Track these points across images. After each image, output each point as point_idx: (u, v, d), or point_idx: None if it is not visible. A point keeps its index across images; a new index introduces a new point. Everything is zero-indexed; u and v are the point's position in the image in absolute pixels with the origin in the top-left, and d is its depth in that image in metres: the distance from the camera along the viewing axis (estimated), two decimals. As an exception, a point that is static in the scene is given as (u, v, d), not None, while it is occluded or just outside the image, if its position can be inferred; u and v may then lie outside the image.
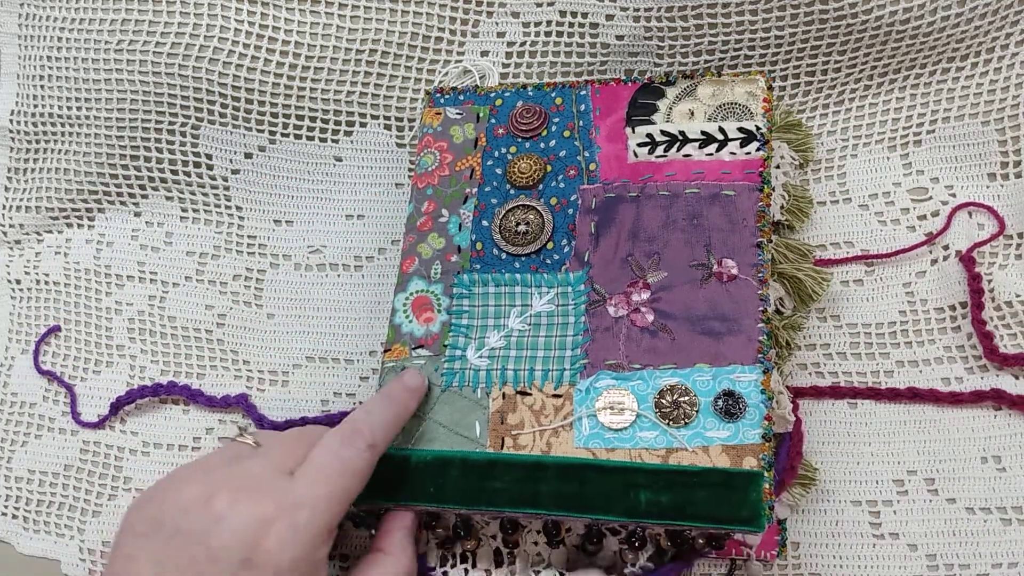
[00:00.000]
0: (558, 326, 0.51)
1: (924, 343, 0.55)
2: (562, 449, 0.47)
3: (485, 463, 0.47)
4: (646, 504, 0.44)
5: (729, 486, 0.44)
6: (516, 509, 0.45)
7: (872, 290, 0.57)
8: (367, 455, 0.44)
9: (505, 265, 0.53)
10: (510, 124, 0.57)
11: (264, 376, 0.61)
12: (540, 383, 0.49)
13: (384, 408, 0.47)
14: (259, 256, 0.64)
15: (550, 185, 0.55)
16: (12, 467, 0.61)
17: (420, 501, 0.47)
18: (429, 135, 0.59)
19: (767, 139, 0.53)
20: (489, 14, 0.62)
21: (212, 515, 0.40)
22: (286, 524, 0.41)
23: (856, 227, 0.59)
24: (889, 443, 0.53)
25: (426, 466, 0.47)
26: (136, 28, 0.62)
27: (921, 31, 0.57)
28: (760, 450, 0.44)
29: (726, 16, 0.58)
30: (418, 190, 0.57)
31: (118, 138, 0.64)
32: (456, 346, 0.51)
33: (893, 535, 0.51)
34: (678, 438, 0.46)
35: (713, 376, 0.47)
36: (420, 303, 0.53)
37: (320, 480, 0.43)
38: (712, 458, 0.45)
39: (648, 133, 0.55)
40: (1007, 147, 0.58)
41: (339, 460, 0.44)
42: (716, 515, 0.43)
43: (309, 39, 0.61)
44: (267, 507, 0.41)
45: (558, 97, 0.58)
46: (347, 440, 0.44)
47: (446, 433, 0.48)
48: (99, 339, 0.63)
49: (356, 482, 0.44)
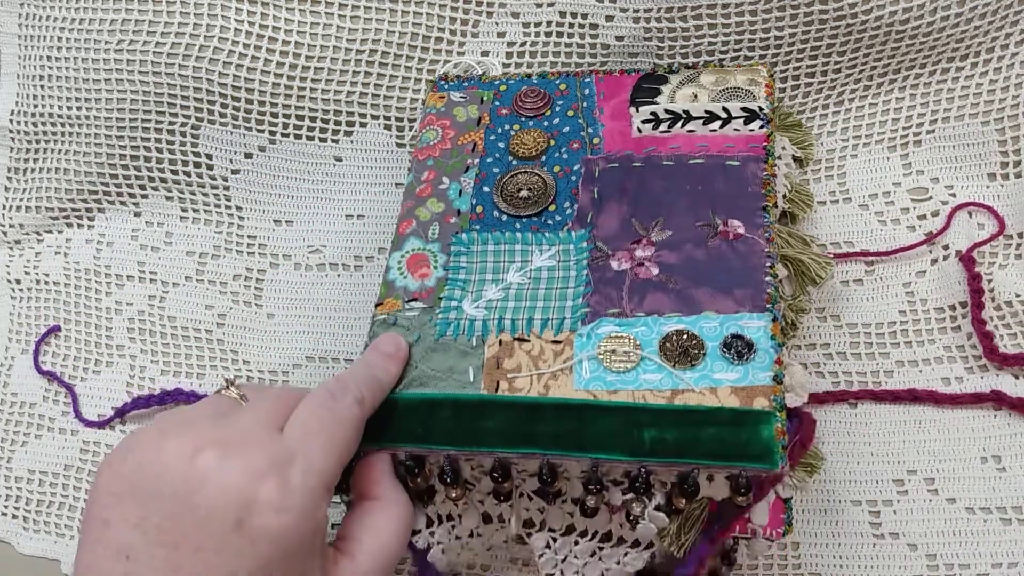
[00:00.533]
0: (559, 279, 0.49)
1: (924, 343, 0.55)
2: (561, 392, 0.44)
3: (477, 402, 0.44)
4: (651, 443, 0.41)
5: (739, 423, 0.41)
6: (510, 449, 0.42)
7: (872, 290, 0.57)
8: (356, 409, 0.42)
9: (505, 226, 0.51)
10: (514, 105, 0.56)
11: (264, 376, 0.61)
12: (539, 330, 0.47)
13: (363, 370, 0.44)
14: (259, 256, 0.64)
15: (553, 156, 0.54)
16: (12, 467, 0.61)
17: (406, 443, 0.43)
18: (432, 114, 0.58)
19: (770, 119, 0.52)
20: (489, 14, 0.62)
21: (198, 473, 0.36)
22: (279, 480, 0.37)
23: (856, 227, 0.59)
24: (889, 443, 0.53)
25: (414, 407, 0.44)
26: (136, 28, 0.62)
27: (921, 31, 0.57)
28: (771, 391, 0.42)
29: (726, 16, 0.58)
30: (418, 162, 0.56)
31: (118, 138, 0.64)
32: (452, 298, 0.49)
33: (893, 535, 0.51)
34: (684, 380, 0.43)
35: (720, 323, 0.45)
36: (416, 260, 0.51)
37: (311, 432, 0.39)
38: (721, 399, 0.42)
39: (652, 111, 0.54)
40: (1007, 147, 0.58)
41: (329, 411, 0.41)
42: (726, 453, 0.40)
43: (309, 39, 0.61)
44: (258, 462, 0.37)
45: (562, 84, 0.57)
46: (335, 393, 0.42)
47: (438, 378, 0.46)
48: (99, 339, 0.63)
49: (348, 434, 0.41)
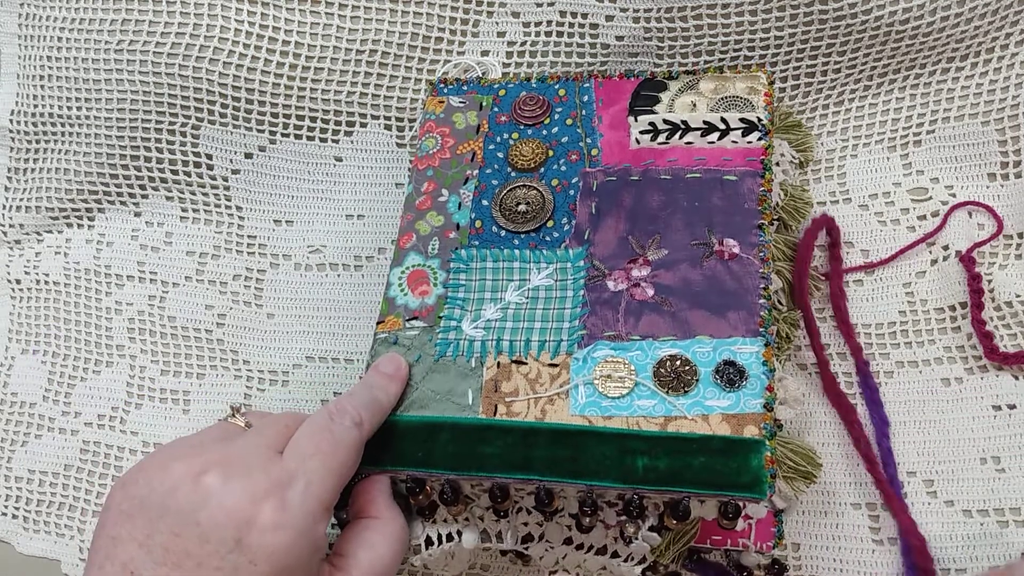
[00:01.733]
0: (556, 299, 0.49)
1: (924, 343, 0.55)
2: (557, 416, 0.45)
3: (477, 427, 0.45)
4: (643, 470, 0.42)
5: (729, 452, 0.42)
6: (508, 474, 0.44)
7: (872, 290, 0.57)
8: (355, 432, 0.43)
9: (504, 242, 0.52)
10: (513, 112, 0.57)
11: (264, 376, 0.61)
12: (536, 353, 0.47)
13: (364, 392, 0.46)
14: (259, 256, 0.64)
15: (551, 168, 0.54)
16: (12, 467, 0.61)
17: (407, 466, 0.45)
18: (431, 121, 0.58)
19: (768, 130, 0.53)
20: (489, 14, 0.62)
21: (202, 492, 0.38)
22: (278, 500, 0.39)
23: (856, 227, 0.59)
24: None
25: (415, 431, 0.46)
26: (136, 28, 0.62)
27: (921, 31, 0.57)
28: (762, 419, 0.43)
29: (726, 16, 0.58)
30: (418, 171, 0.56)
31: (118, 138, 0.64)
32: (451, 317, 0.50)
33: (892, 540, 0.51)
34: (677, 406, 0.44)
35: (714, 348, 0.45)
36: (416, 277, 0.52)
37: (309, 454, 0.41)
38: (712, 426, 0.43)
39: (651, 122, 0.54)
40: (1007, 147, 0.58)
41: (328, 433, 0.43)
42: (715, 481, 0.41)
43: (309, 39, 0.61)
44: (259, 483, 0.39)
45: (561, 89, 0.57)
46: (334, 415, 0.43)
47: (438, 400, 0.47)
48: (99, 339, 0.63)
49: (347, 456, 0.43)
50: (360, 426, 0.44)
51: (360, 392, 0.46)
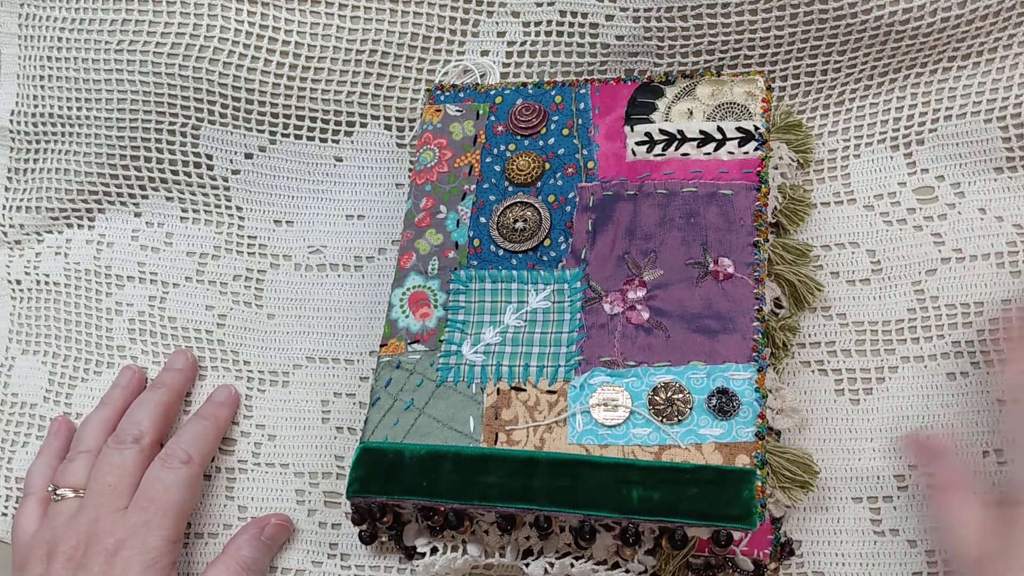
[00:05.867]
0: (553, 323, 0.50)
1: (933, 339, 0.55)
2: (555, 445, 0.46)
3: (478, 457, 0.47)
4: (638, 501, 0.44)
5: (721, 483, 0.43)
6: (508, 504, 0.45)
7: (880, 288, 0.57)
8: (184, 470, 0.53)
9: (502, 262, 0.53)
10: (509, 122, 0.57)
11: (264, 376, 0.61)
12: (535, 379, 0.49)
13: (194, 426, 0.56)
14: (259, 256, 0.64)
15: (548, 182, 0.55)
16: (12, 467, 0.61)
17: (413, 495, 0.47)
18: (428, 131, 0.59)
19: (765, 139, 0.53)
20: (489, 14, 0.62)
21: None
22: (127, 552, 0.49)
23: (862, 228, 0.59)
24: (891, 439, 0.53)
25: (419, 460, 0.47)
26: (136, 28, 0.62)
27: (921, 31, 0.57)
28: (753, 448, 0.44)
29: (726, 16, 0.58)
30: (417, 186, 0.57)
31: (118, 138, 0.64)
32: (452, 341, 0.51)
33: (893, 531, 0.51)
34: (671, 435, 0.45)
35: (707, 374, 0.47)
36: (416, 298, 0.53)
37: (144, 505, 0.51)
38: (705, 455, 0.44)
39: (647, 132, 0.55)
40: (1012, 143, 0.58)
41: (159, 482, 0.52)
42: (708, 512, 0.43)
43: (309, 39, 0.61)
44: (108, 544, 0.50)
45: (558, 95, 0.58)
46: (162, 462, 0.53)
47: (440, 428, 0.48)
48: (99, 339, 0.63)
49: (182, 495, 0.52)
50: (189, 463, 0.53)
51: (188, 429, 0.56)
